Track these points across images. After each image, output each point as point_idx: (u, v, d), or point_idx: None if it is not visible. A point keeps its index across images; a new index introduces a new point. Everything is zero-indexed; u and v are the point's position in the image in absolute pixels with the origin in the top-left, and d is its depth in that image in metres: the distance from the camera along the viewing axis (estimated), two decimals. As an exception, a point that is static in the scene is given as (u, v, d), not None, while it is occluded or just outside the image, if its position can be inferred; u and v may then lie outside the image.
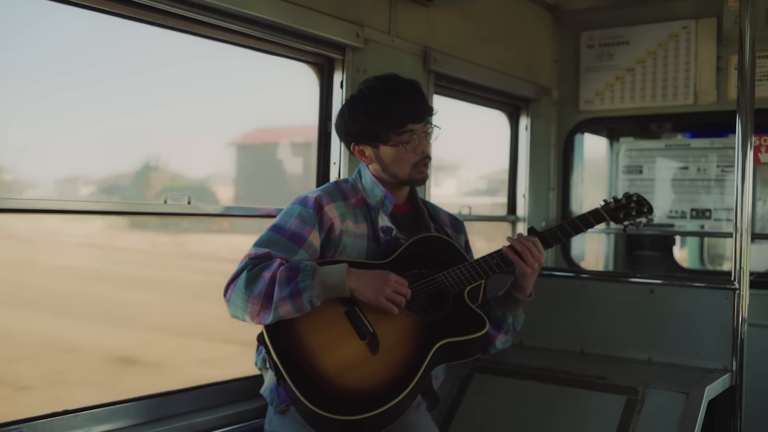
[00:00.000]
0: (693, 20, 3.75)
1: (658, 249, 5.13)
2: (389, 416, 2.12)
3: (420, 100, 2.31)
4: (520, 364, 2.61)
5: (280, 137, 3.18)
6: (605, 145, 4.74)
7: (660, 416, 2.26)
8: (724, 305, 2.52)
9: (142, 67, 2.45)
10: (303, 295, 2.04)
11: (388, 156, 2.31)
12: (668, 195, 3.97)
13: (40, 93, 2.23)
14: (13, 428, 1.91)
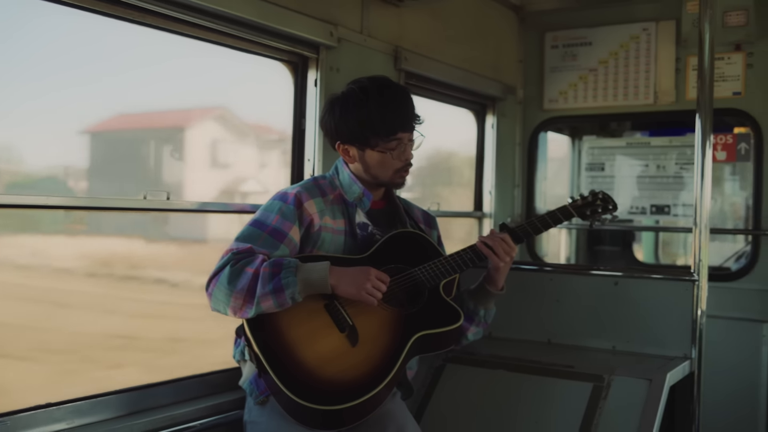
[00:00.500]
0: (653, 22, 3.89)
1: (619, 244, 5.29)
2: (368, 406, 2.19)
3: (411, 110, 2.37)
4: (491, 354, 2.71)
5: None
6: (568, 143, 4.87)
7: (624, 402, 2.36)
8: (684, 296, 2.64)
9: (120, 65, 2.48)
10: (285, 291, 2.10)
11: (373, 160, 2.37)
12: (629, 192, 4.11)
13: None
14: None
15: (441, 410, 2.59)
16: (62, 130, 2.51)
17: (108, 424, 2.19)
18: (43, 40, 2.30)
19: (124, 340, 2.93)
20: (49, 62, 2.37)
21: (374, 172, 2.39)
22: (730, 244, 4.86)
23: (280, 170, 3.09)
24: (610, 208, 2.56)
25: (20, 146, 2.42)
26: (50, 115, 2.43)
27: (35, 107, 2.34)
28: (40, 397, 2.11)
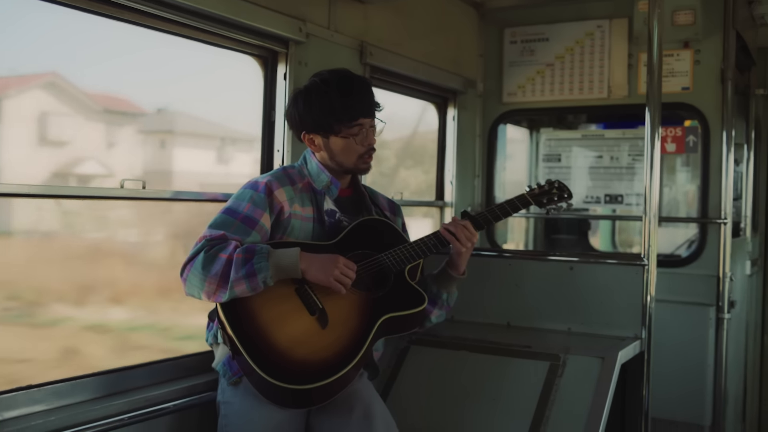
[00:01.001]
0: (607, 20, 4.05)
1: (575, 233, 5.47)
2: (337, 386, 2.31)
3: (370, 97, 2.49)
4: (453, 336, 2.84)
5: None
6: (526, 135, 5.04)
7: (579, 379, 2.52)
8: (634, 280, 2.80)
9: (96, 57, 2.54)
10: (258, 276, 2.20)
11: (338, 146, 2.48)
12: (584, 181, 4.27)
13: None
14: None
15: (406, 389, 2.72)
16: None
17: (86, 405, 2.27)
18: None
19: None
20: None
21: (339, 159, 2.50)
22: (682, 231, 5.06)
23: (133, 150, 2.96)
24: (565, 197, 2.70)
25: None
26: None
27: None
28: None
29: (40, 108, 2.59)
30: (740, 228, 4.57)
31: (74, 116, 2.76)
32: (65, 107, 2.72)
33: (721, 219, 3.81)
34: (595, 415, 2.37)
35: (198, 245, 2.27)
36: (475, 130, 4.37)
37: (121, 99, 2.87)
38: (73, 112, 2.76)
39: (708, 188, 3.90)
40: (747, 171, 4.83)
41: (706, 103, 3.90)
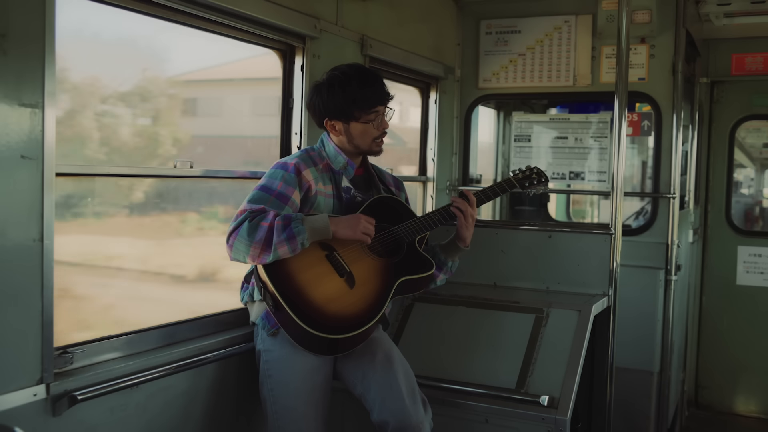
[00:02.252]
0: (573, 16, 4.52)
1: (535, 204, 6.00)
2: (362, 336, 2.77)
3: (384, 87, 2.92)
4: (450, 294, 3.32)
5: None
6: (499, 117, 5.52)
7: (560, 328, 3.02)
8: (603, 246, 3.32)
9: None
10: (297, 238, 2.62)
11: (357, 131, 2.90)
12: (550, 160, 4.76)
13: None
14: (73, 350, 2.39)
15: (412, 339, 3.18)
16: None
17: (150, 353, 2.66)
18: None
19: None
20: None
21: (357, 141, 2.92)
22: (628, 204, 5.62)
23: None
24: (543, 181, 3.19)
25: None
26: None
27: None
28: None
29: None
30: (685, 201, 5.15)
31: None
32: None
33: (671, 194, 4.35)
34: (575, 356, 2.88)
35: (240, 217, 2.66)
36: (453, 112, 4.81)
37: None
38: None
39: (660, 166, 4.44)
40: (691, 150, 5.41)
41: (659, 92, 4.41)
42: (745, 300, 5.78)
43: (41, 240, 2.16)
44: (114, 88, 2.85)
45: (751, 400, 5.88)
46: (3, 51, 2.03)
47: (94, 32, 2.68)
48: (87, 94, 2.76)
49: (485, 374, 2.96)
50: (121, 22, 2.69)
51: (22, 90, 2.09)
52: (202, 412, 2.83)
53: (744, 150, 7.91)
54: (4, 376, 2.10)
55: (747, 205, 7.92)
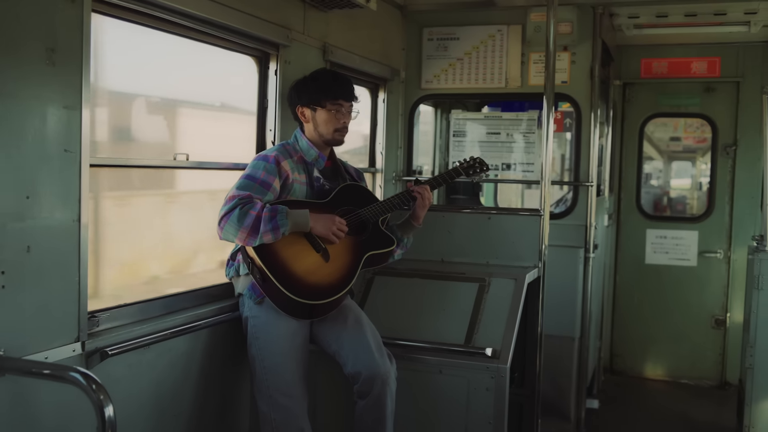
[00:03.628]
0: (505, 26, 5.11)
1: (468, 193, 6.61)
2: (336, 303, 3.29)
3: (351, 88, 3.43)
4: (405, 268, 3.85)
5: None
6: (437, 115, 6.09)
7: (499, 294, 3.59)
8: (534, 227, 3.91)
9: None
10: (280, 229, 3.10)
11: (322, 118, 3.40)
12: (485, 153, 5.34)
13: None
14: (99, 314, 2.82)
15: (375, 307, 3.70)
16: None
17: (158, 319, 3.10)
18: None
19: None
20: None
21: (321, 129, 3.43)
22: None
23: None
24: (484, 169, 3.77)
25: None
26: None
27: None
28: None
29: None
30: (601, 189, 5.82)
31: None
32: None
33: (589, 183, 5.00)
34: (512, 316, 3.47)
35: (231, 203, 3.12)
36: (398, 110, 5.35)
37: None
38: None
39: (579, 159, 5.08)
40: (606, 144, 6.09)
41: (578, 93, 5.05)
42: (652, 277, 6.55)
43: (78, 221, 2.59)
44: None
45: (658, 366, 6.66)
46: (52, 62, 2.45)
47: (121, 47, 3.11)
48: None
49: (438, 333, 3.51)
50: (134, 36, 3.11)
51: (65, 95, 2.52)
52: (198, 370, 3.29)
53: (653, 143, 8.73)
54: (51, 334, 2.53)
55: (656, 195, 8.74)
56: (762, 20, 5.27)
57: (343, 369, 3.31)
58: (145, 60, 3.34)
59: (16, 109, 2.34)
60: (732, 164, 6.41)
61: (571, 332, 5.00)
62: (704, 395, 6.31)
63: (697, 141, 7.59)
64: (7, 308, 2.33)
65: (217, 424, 3.45)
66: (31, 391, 2.43)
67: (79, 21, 2.55)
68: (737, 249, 6.31)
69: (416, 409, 3.42)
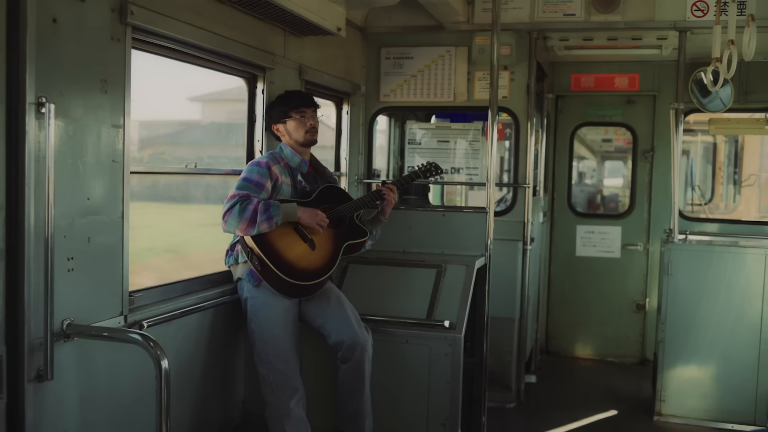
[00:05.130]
0: (453, 47, 5.86)
1: (419, 194, 7.34)
2: (321, 284, 3.96)
3: (309, 97, 4.13)
4: (374, 257, 4.55)
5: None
6: (391, 125, 6.82)
7: (454, 278, 4.32)
8: (481, 222, 4.65)
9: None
10: (273, 219, 3.77)
11: (292, 126, 4.08)
12: (436, 159, 6.06)
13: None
14: (134, 294, 3.44)
15: (351, 290, 4.39)
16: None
17: (176, 299, 3.72)
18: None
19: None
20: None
21: (295, 136, 4.10)
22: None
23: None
24: (440, 172, 4.49)
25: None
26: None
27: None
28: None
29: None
30: (537, 190, 6.62)
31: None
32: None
33: (526, 184, 5.78)
34: (465, 294, 4.20)
35: (233, 200, 3.77)
36: (360, 120, 6.04)
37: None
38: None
39: (518, 163, 5.86)
40: (541, 150, 6.90)
41: (517, 106, 5.82)
42: (582, 267, 7.40)
43: (122, 218, 3.22)
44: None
45: (587, 347, 7.51)
46: (105, 90, 3.07)
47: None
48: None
49: (404, 310, 4.22)
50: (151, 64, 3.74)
51: (114, 116, 3.14)
52: (205, 343, 3.93)
53: (586, 145, 9.63)
54: (103, 308, 3.14)
55: (590, 193, 9.63)
56: (671, 44, 6.14)
57: (328, 339, 3.99)
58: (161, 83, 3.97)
59: (81, 129, 2.96)
60: (650, 167, 7.30)
61: (512, 314, 5.77)
62: (627, 371, 7.17)
63: (627, 142, 8.43)
64: (74, 287, 2.94)
65: (219, 389, 4.10)
66: (91, 352, 3.05)
67: (123, 56, 3.18)
68: (654, 242, 7.20)
69: (388, 373, 4.12)
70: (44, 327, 2.75)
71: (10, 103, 2.64)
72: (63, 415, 2.93)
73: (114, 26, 3.11)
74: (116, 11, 3.12)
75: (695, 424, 5.50)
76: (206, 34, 3.82)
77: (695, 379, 5.52)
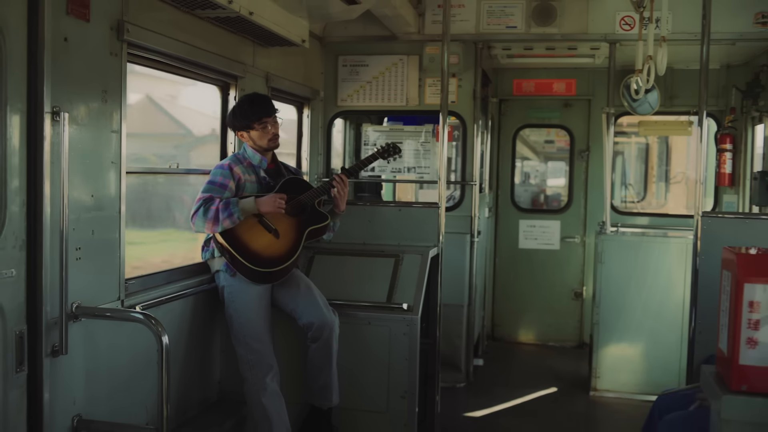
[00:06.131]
0: (406, 56, 6.36)
1: (373, 191, 7.82)
2: (287, 269, 4.39)
3: (269, 104, 4.47)
4: (337, 249, 5.01)
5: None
6: (346, 127, 7.28)
7: (410, 266, 4.80)
8: (434, 216, 5.15)
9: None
10: (234, 215, 4.16)
11: (255, 136, 4.44)
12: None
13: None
14: (129, 281, 3.83)
15: (317, 278, 4.83)
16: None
17: (163, 287, 4.12)
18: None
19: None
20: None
21: (258, 143, 4.50)
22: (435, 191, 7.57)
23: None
24: (398, 151, 4.93)
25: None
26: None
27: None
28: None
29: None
30: (482, 187, 7.17)
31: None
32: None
33: (473, 182, 6.31)
34: (421, 280, 4.68)
35: (198, 203, 4.15)
36: (319, 123, 6.49)
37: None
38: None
39: (465, 163, 6.39)
40: (486, 150, 7.45)
41: (464, 110, 6.35)
42: (524, 259, 7.98)
43: (119, 212, 3.62)
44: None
45: (530, 332, 8.10)
46: (105, 100, 3.47)
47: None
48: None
49: (367, 295, 4.69)
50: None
51: (112, 122, 3.54)
52: (187, 328, 4.33)
53: (530, 146, 10.23)
54: (104, 293, 3.53)
55: (534, 193, 10.23)
56: (603, 54, 6.75)
57: (298, 322, 4.43)
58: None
59: (87, 134, 3.35)
60: (586, 166, 7.92)
61: (461, 301, 6.30)
62: (566, 353, 7.78)
63: (568, 143, 9.04)
64: (81, 274, 3.34)
65: (198, 371, 4.51)
66: (95, 331, 3.44)
67: (120, 69, 3.58)
68: (590, 234, 7.81)
69: (353, 351, 4.58)
70: (59, 308, 3.14)
71: (30, 112, 3.02)
72: (73, 385, 3.32)
73: (112, 43, 3.51)
74: (114, 29, 3.52)
75: (626, 397, 6.10)
76: (188, 48, 4.23)
77: (626, 356, 6.12)
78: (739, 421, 2.62)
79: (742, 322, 2.63)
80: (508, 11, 6.14)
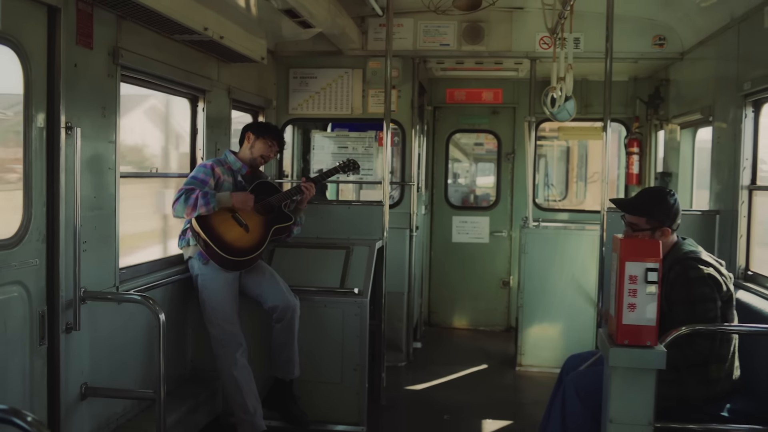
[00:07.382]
0: (350, 69, 7.06)
1: (319, 191, 8.49)
2: (255, 259, 5.06)
3: (281, 135, 5.22)
4: (295, 242, 5.68)
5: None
6: (294, 133, 7.94)
7: (359, 256, 5.51)
8: (379, 213, 5.88)
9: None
10: (211, 204, 4.82)
11: (258, 144, 5.15)
12: (337, 161, 7.24)
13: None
14: (121, 270, 4.43)
15: (278, 268, 5.50)
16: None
17: (148, 275, 4.73)
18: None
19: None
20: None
21: (254, 150, 5.17)
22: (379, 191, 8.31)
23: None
24: (357, 167, 5.65)
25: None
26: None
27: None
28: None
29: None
30: (420, 187, 7.92)
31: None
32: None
33: (411, 182, 7.06)
34: (369, 268, 5.40)
35: (181, 192, 4.80)
36: (272, 129, 7.14)
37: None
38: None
39: (404, 165, 7.13)
40: (423, 153, 8.21)
41: (403, 118, 7.09)
42: (457, 251, 8.78)
43: (115, 211, 4.23)
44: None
45: (463, 318, 8.91)
46: (104, 115, 4.08)
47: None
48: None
49: (322, 281, 5.38)
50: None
51: (109, 134, 4.15)
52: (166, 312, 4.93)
53: (461, 148, 11.04)
54: (102, 280, 4.14)
55: (464, 193, 11.05)
56: (526, 68, 7.60)
57: (264, 305, 5.09)
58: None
59: (90, 144, 3.96)
60: (512, 167, 8.77)
61: (402, 288, 7.04)
62: (495, 336, 8.60)
63: (496, 147, 9.86)
64: (87, 263, 3.94)
65: (174, 350, 5.12)
66: (97, 313, 4.05)
67: (115, 88, 4.19)
68: (516, 229, 8.66)
69: (311, 330, 5.27)
70: (73, 291, 3.75)
71: (48, 127, 3.62)
72: (82, 358, 3.93)
73: (109, 66, 4.13)
74: (111, 54, 4.13)
75: (547, 371, 6.91)
76: (167, 67, 4.85)
77: (546, 335, 6.95)
78: (623, 367, 3.42)
79: (625, 291, 3.43)
80: (442, 30, 6.91)
